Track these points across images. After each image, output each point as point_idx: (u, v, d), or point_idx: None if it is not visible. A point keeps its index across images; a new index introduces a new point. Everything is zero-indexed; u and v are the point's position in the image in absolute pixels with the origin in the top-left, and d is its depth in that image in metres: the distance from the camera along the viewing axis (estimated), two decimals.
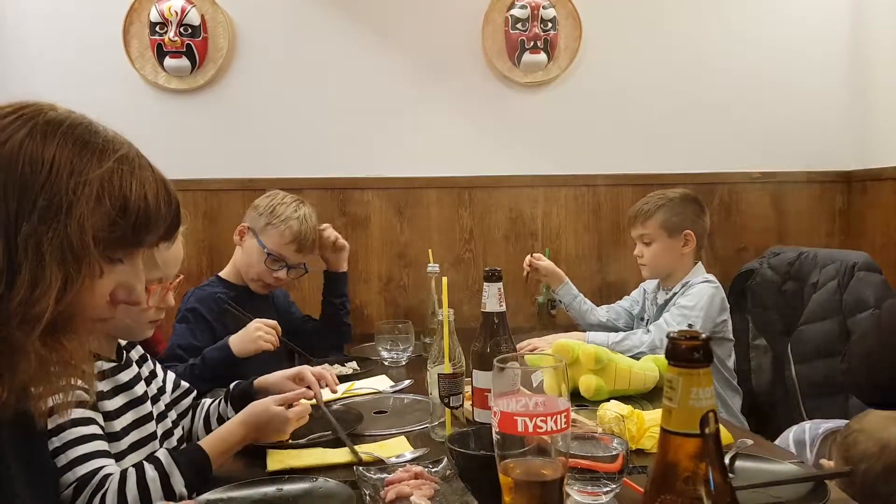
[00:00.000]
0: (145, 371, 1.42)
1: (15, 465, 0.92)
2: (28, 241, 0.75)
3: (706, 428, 0.60)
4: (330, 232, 2.32)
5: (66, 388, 0.86)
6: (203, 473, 1.23)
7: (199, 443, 1.29)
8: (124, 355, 1.40)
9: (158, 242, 0.93)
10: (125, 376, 1.38)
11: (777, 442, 1.78)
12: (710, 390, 0.60)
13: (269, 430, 1.36)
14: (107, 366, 1.36)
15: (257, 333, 1.87)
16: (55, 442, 1.14)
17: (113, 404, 1.30)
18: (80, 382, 0.90)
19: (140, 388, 1.35)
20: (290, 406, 1.40)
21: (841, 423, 1.67)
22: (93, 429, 1.18)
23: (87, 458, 1.14)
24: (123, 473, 1.13)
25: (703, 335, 0.61)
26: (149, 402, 1.36)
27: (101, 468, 1.13)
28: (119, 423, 1.26)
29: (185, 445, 1.40)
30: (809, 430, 1.76)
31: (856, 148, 3.00)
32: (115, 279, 0.86)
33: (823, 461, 1.47)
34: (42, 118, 0.81)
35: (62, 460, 1.12)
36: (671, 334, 0.61)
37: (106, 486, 1.11)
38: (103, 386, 1.32)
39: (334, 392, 1.71)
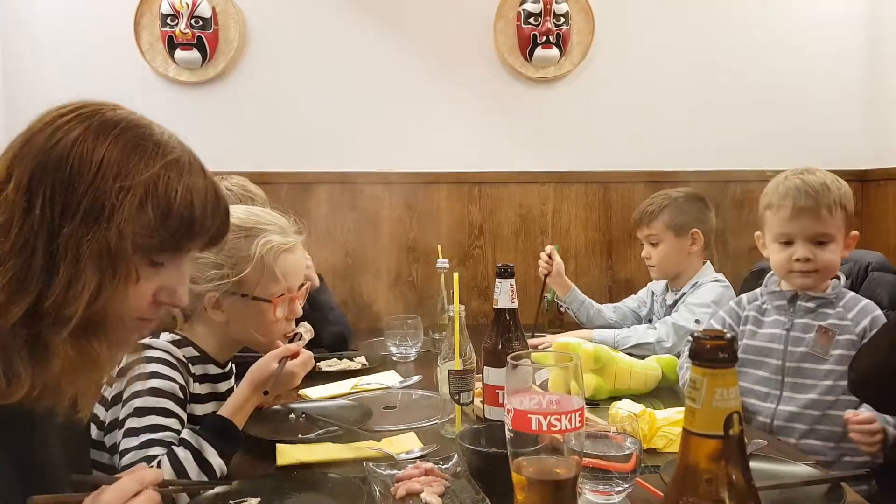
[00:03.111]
0: None
1: (56, 453, 0.94)
2: (68, 242, 0.76)
3: (730, 429, 0.58)
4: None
5: (91, 386, 0.85)
6: (230, 437, 1.23)
7: (216, 413, 1.29)
8: (230, 366, 1.41)
9: (204, 248, 0.92)
10: (223, 386, 1.41)
11: None
12: (735, 390, 0.58)
13: (278, 385, 1.34)
14: (213, 371, 1.38)
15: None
16: (132, 423, 1.19)
17: (203, 409, 1.34)
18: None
19: None
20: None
21: None
22: (170, 422, 1.21)
23: (149, 445, 1.17)
24: (160, 461, 1.14)
25: (729, 334, 0.59)
26: None
27: (154, 456, 1.15)
28: None
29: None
30: None
31: (871, 147, 2.97)
32: (158, 282, 0.86)
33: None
34: (98, 118, 0.81)
35: (132, 442, 1.17)
36: (696, 333, 0.60)
37: None
38: (201, 389, 1.36)
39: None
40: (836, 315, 1.69)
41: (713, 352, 0.59)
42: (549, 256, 2.44)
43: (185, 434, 1.19)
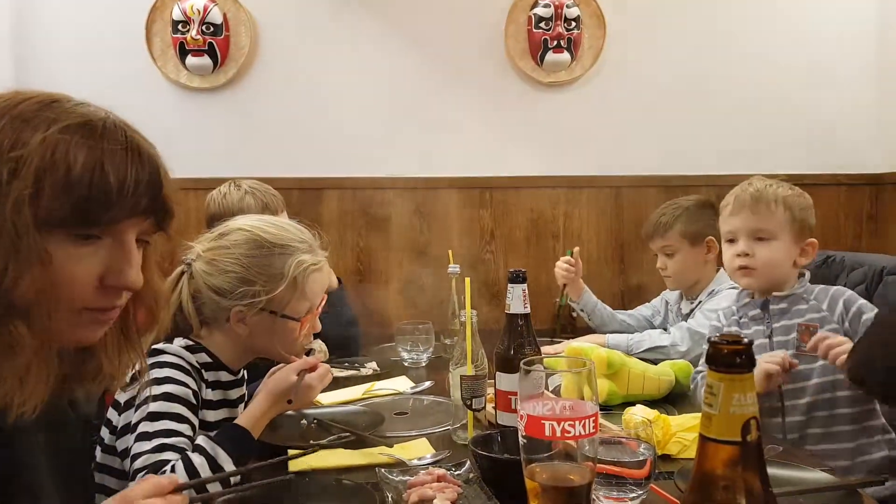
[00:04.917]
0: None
1: (44, 459, 0.91)
2: None
3: (748, 435, 0.57)
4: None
5: (26, 375, 0.76)
6: (245, 446, 1.23)
7: (233, 421, 1.29)
8: (242, 373, 1.42)
9: (152, 227, 0.85)
10: (234, 393, 1.41)
11: None
12: (752, 396, 0.58)
13: (297, 398, 1.35)
14: (225, 377, 1.39)
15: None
16: (145, 427, 1.19)
17: (215, 415, 1.35)
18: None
19: (241, 410, 1.37)
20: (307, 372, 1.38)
21: None
22: (183, 427, 1.22)
23: (162, 449, 1.17)
24: (174, 466, 1.14)
25: (746, 340, 0.58)
26: None
27: (167, 461, 1.15)
28: None
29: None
30: None
31: (884, 150, 2.95)
32: (98, 264, 0.79)
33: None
34: (9, 102, 0.77)
35: (145, 446, 1.17)
36: (713, 338, 0.59)
37: None
38: (213, 395, 1.36)
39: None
40: (811, 309, 1.67)
41: (731, 357, 0.58)
42: (574, 264, 2.41)
43: (201, 440, 1.19)
